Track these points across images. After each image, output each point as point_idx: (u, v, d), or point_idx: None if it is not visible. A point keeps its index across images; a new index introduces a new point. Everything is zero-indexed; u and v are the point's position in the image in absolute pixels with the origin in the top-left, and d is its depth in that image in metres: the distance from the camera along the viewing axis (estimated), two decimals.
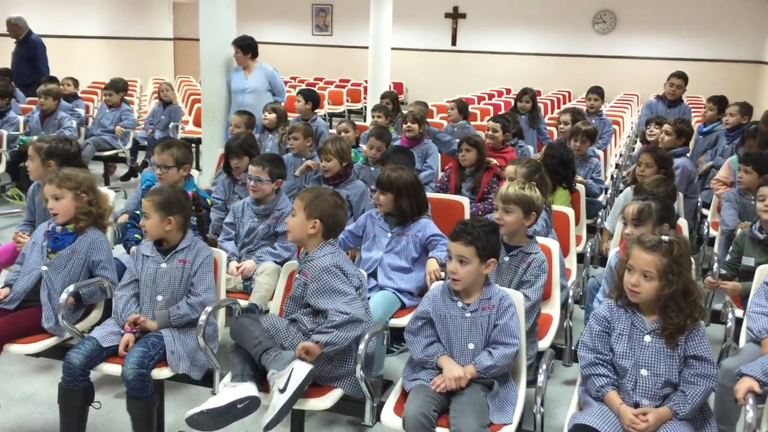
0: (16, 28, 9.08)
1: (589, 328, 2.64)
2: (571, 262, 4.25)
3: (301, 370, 2.65)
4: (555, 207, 4.22)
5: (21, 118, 7.30)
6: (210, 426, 2.65)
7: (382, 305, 3.42)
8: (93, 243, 3.29)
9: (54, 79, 8.64)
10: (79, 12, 13.92)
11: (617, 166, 7.49)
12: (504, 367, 2.72)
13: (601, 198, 5.78)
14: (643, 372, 2.51)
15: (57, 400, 2.95)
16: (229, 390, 2.66)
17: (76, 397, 2.91)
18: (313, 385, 2.81)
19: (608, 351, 2.59)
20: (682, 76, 7.34)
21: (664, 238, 2.51)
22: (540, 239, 3.56)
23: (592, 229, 5.18)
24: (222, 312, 3.27)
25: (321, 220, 2.93)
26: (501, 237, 3.16)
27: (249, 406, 2.65)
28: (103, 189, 3.69)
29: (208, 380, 3.10)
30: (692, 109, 7.99)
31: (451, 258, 2.78)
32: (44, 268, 3.23)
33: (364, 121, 11.34)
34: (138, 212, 4.19)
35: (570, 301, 3.60)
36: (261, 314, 3.07)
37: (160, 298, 3.10)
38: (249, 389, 2.68)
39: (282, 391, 2.62)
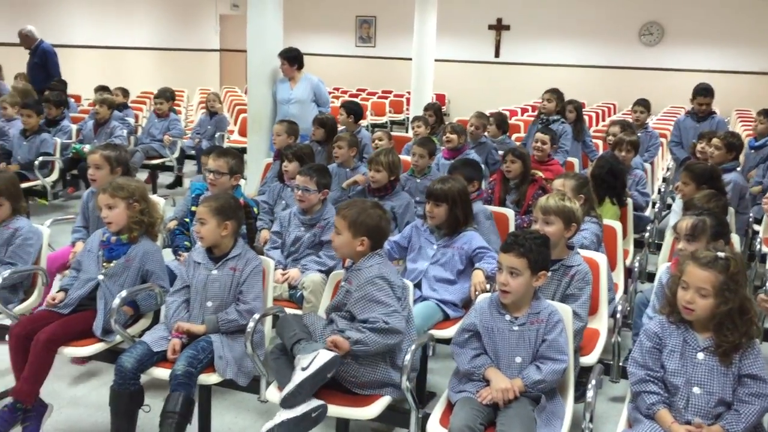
0: (27, 38, 9.40)
1: (640, 344, 2.60)
2: (619, 277, 4.19)
3: (325, 354, 2.68)
4: (604, 221, 4.16)
5: (74, 127, 7.51)
6: None
7: (421, 315, 3.41)
8: (146, 253, 3.37)
9: (63, 83, 9.00)
10: (130, 24, 14.29)
11: (665, 180, 7.36)
12: (552, 382, 2.69)
13: (648, 212, 5.69)
14: (696, 390, 2.46)
15: (108, 402, 3.01)
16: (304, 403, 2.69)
17: (126, 400, 2.97)
18: (358, 396, 2.82)
19: (659, 368, 2.54)
20: (706, 91, 7.14)
21: (720, 254, 2.46)
22: (587, 252, 3.53)
23: (639, 244, 5.10)
24: (269, 320, 3.31)
25: (368, 236, 2.95)
26: None
27: (320, 414, 2.69)
28: (153, 197, 3.77)
29: (253, 387, 3.13)
30: (742, 123, 7.82)
31: (502, 270, 2.76)
32: (101, 277, 3.31)
33: (406, 132, 11.37)
34: (187, 220, 4.28)
35: (618, 316, 3.54)
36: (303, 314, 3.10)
37: (209, 304, 3.15)
38: (314, 399, 2.71)
39: (304, 369, 2.66)
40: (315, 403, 2.69)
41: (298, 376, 2.66)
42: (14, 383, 3.15)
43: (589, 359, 3.21)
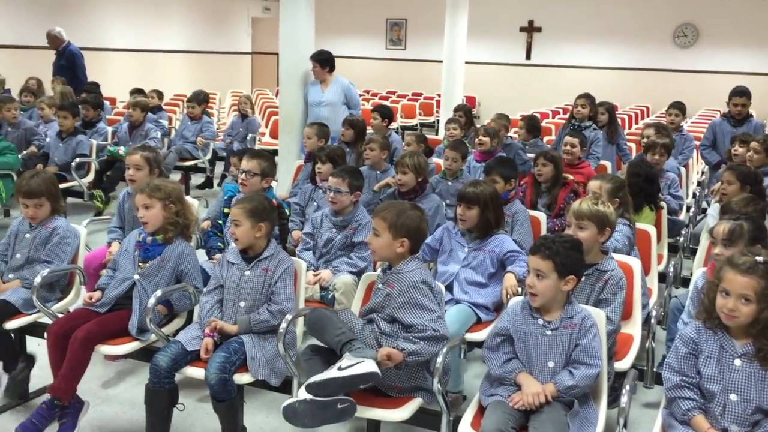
0: (56, 39, 9.59)
1: (675, 350, 2.57)
2: (653, 282, 4.14)
3: (367, 366, 2.65)
4: (637, 225, 4.12)
5: (109, 129, 7.64)
6: (304, 420, 2.65)
7: (458, 319, 3.42)
8: (181, 253, 3.41)
9: (96, 85, 9.16)
10: (164, 27, 14.50)
11: (699, 183, 7.25)
12: (585, 388, 2.67)
13: (683, 216, 5.61)
14: (733, 397, 2.42)
15: (144, 400, 3.05)
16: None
17: (161, 398, 3.01)
18: (390, 397, 2.83)
19: (695, 374, 2.51)
20: (743, 93, 7.00)
21: (759, 259, 2.42)
22: (620, 257, 3.49)
23: (673, 248, 5.03)
24: (300, 320, 3.33)
25: (408, 237, 2.94)
26: None
27: (346, 410, 2.66)
28: (187, 198, 3.82)
29: (285, 387, 3.15)
30: None
31: (530, 272, 2.76)
32: (137, 277, 3.36)
33: (436, 134, 11.35)
34: (220, 221, 4.33)
35: (652, 321, 3.50)
36: (338, 311, 3.10)
37: (242, 304, 3.18)
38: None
39: (341, 369, 2.65)
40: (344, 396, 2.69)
41: (332, 372, 2.65)
42: (52, 380, 3.21)
43: (623, 364, 3.18)
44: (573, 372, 2.66)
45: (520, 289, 3.43)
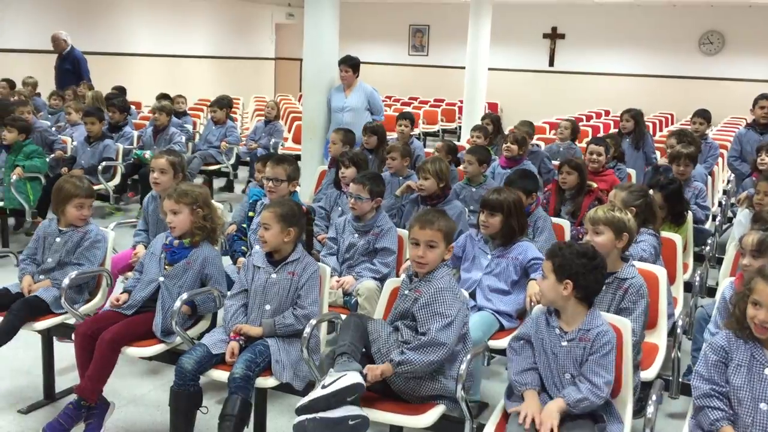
0: (62, 42, 9.78)
1: (705, 358, 2.54)
2: (678, 291, 4.10)
3: (350, 378, 2.66)
4: (662, 233, 4.09)
5: (135, 133, 7.73)
6: None
7: (481, 326, 3.41)
8: (207, 257, 3.45)
9: (122, 90, 9.32)
10: (189, 33, 14.66)
11: (725, 192, 7.17)
12: (594, 402, 2.60)
13: (708, 225, 5.55)
14: (763, 406, 2.40)
15: (168, 402, 3.08)
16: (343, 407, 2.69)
17: (186, 401, 3.03)
18: (412, 404, 2.83)
19: (724, 382, 2.48)
20: (766, 97, 6.93)
21: None
22: (646, 265, 3.47)
23: (699, 258, 4.98)
24: (324, 325, 3.34)
25: (451, 242, 2.99)
26: None
27: (358, 426, 2.65)
28: (212, 202, 3.85)
29: (309, 391, 3.14)
30: None
31: None
32: (161, 278, 3.40)
33: (458, 140, 11.35)
34: (244, 225, 4.36)
35: (678, 331, 3.47)
36: (370, 319, 3.09)
37: (268, 307, 3.20)
38: (358, 409, 2.70)
39: (324, 387, 2.67)
40: (355, 411, 2.67)
41: (317, 392, 2.68)
42: (79, 381, 3.26)
43: (648, 374, 3.15)
44: (579, 386, 2.61)
45: None
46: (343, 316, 3.42)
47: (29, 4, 11.34)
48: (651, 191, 4.45)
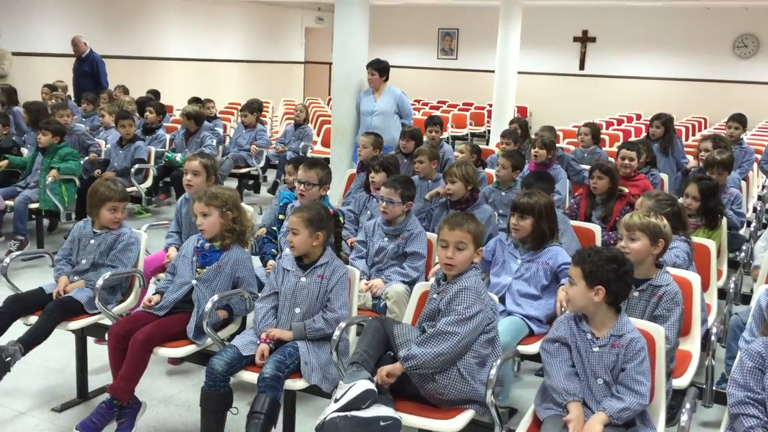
0: (82, 45, 10.00)
1: (740, 365, 2.50)
2: (712, 298, 4.04)
3: (359, 386, 2.68)
4: (695, 239, 4.03)
5: (168, 136, 7.83)
6: None
7: (510, 331, 3.39)
8: (237, 260, 3.48)
9: (156, 94, 9.51)
10: (220, 37, 14.82)
11: (760, 197, 7.05)
12: (638, 410, 2.59)
13: (743, 231, 5.46)
14: None
15: (199, 402, 3.10)
16: (375, 407, 2.71)
17: (216, 401, 3.05)
18: (441, 408, 2.82)
19: (761, 390, 2.44)
20: None
21: None
22: (679, 272, 3.42)
23: (734, 264, 4.90)
24: (353, 328, 3.35)
25: (479, 247, 2.99)
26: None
27: (389, 428, 2.66)
28: (243, 205, 3.88)
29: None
30: None
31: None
32: (194, 281, 3.43)
33: (487, 144, 11.30)
34: (275, 228, 4.39)
35: (712, 338, 3.41)
36: (397, 323, 3.09)
37: (297, 310, 3.22)
38: (389, 411, 2.71)
39: (336, 401, 2.69)
40: (387, 412, 2.68)
41: (331, 407, 2.70)
42: (111, 380, 3.30)
43: (681, 382, 3.11)
44: (621, 397, 2.58)
45: None
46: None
47: (65, 9, 11.57)
48: (688, 188, 4.41)
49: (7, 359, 3.37)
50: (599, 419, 2.54)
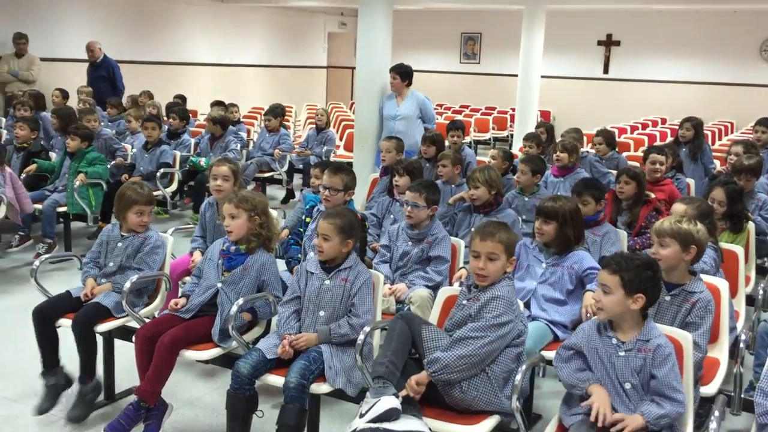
0: (97, 50, 10.26)
1: None
2: (740, 304, 3.99)
3: (385, 403, 2.71)
4: (722, 245, 3.98)
5: (192, 140, 7.90)
6: None
7: (533, 336, 3.36)
8: (263, 264, 3.50)
9: (182, 98, 9.60)
10: (244, 43, 14.93)
11: None
12: (675, 417, 2.58)
13: None
14: None
15: (225, 405, 3.13)
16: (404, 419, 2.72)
17: (242, 404, 3.08)
18: (466, 414, 2.81)
19: None
20: None
21: None
22: (707, 278, 3.38)
23: (761, 270, 4.83)
24: (378, 332, 3.36)
25: (512, 257, 2.98)
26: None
27: None
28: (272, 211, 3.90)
29: (362, 398, 3.16)
30: None
31: (598, 287, 2.73)
32: (219, 284, 3.46)
33: (509, 149, 11.27)
34: (301, 230, 4.42)
35: (741, 345, 3.37)
36: (425, 324, 3.08)
37: (321, 313, 3.23)
38: (419, 424, 2.71)
39: (361, 416, 2.71)
40: (417, 426, 2.71)
41: (355, 422, 2.73)
42: (138, 382, 3.34)
43: (709, 389, 3.07)
44: (660, 403, 2.57)
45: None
46: None
47: (92, 16, 11.73)
48: (714, 193, 4.39)
49: (88, 396, 3.57)
50: (636, 421, 2.53)
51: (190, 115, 9.15)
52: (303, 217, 4.49)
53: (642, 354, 2.62)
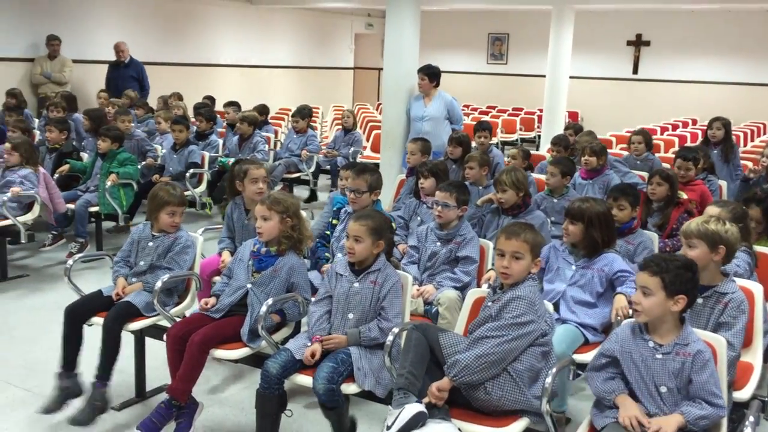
0: (126, 51, 10.50)
1: None
2: None
3: (410, 410, 2.70)
4: (758, 248, 3.92)
5: (220, 141, 7.97)
6: None
7: (565, 339, 3.35)
8: (293, 266, 3.51)
9: (211, 99, 9.84)
10: (271, 44, 15.01)
11: None
12: (716, 421, 2.56)
13: None
14: None
15: (254, 404, 3.15)
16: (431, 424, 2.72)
17: (271, 404, 3.10)
18: (495, 416, 2.80)
19: None
20: None
21: None
22: (741, 281, 3.33)
23: None
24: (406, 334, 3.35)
25: (537, 258, 2.98)
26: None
27: None
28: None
29: (390, 399, 3.16)
30: None
31: (637, 288, 2.69)
32: (249, 285, 3.48)
33: (537, 150, 11.19)
34: (328, 232, 4.43)
35: None
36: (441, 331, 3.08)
37: (351, 315, 3.24)
38: (449, 427, 2.71)
39: (388, 428, 2.71)
40: (446, 429, 2.70)
41: None
42: (169, 381, 3.37)
43: (742, 394, 3.03)
44: (702, 405, 2.55)
45: (630, 311, 3.33)
46: None
47: (122, 18, 11.88)
48: (751, 212, 4.26)
49: (96, 403, 3.56)
50: (676, 421, 2.52)
51: (219, 116, 9.24)
52: (330, 220, 4.50)
53: (680, 357, 2.60)
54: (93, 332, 3.66)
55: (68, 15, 11.05)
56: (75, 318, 3.63)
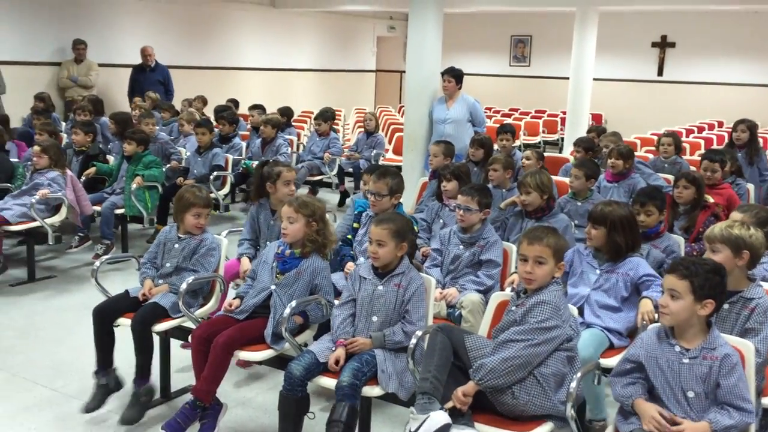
0: (153, 55, 10.69)
1: None
2: None
3: (436, 419, 2.68)
4: None
5: (243, 144, 8.03)
6: None
7: (591, 343, 3.32)
8: (317, 268, 3.53)
9: (235, 102, 10.03)
10: (294, 47, 15.10)
11: None
12: (743, 428, 2.52)
13: None
14: None
15: (277, 406, 3.16)
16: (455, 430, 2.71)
17: (294, 406, 3.11)
18: (519, 421, 2.79)
19: None
20: None
21: None
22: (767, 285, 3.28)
23: None
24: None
25: (560, 262, 2.96)
26: None
27: None
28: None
29: (413, 401, 3.16)
30: None
31: (665, 292, 2.67)
32: (273, 287, 3.50)
33: (560, 152, 11.13)
34: (349, 237, 4.44)
35: None
36: (467, 334, 3.07)
37: (375, 318, 3.24)
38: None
39: None
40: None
41: None
42: (193, 381, 3.40)
43: None
44: (730, 412, 2.52)
45: (656, 316, 3.29)
46: None
47: (147, 21, 12.02)
48: None
49: (142, 399, 3.62)
50: (702, 428, 2.50)
51: (242, 119, 9.30)
52: (351, 223, 4.51)
53: (708, 362, 2.57)
54: (122, 330, 3.71)
55: (94, 20, 11.20)
56: (104, 318, 3.67)
